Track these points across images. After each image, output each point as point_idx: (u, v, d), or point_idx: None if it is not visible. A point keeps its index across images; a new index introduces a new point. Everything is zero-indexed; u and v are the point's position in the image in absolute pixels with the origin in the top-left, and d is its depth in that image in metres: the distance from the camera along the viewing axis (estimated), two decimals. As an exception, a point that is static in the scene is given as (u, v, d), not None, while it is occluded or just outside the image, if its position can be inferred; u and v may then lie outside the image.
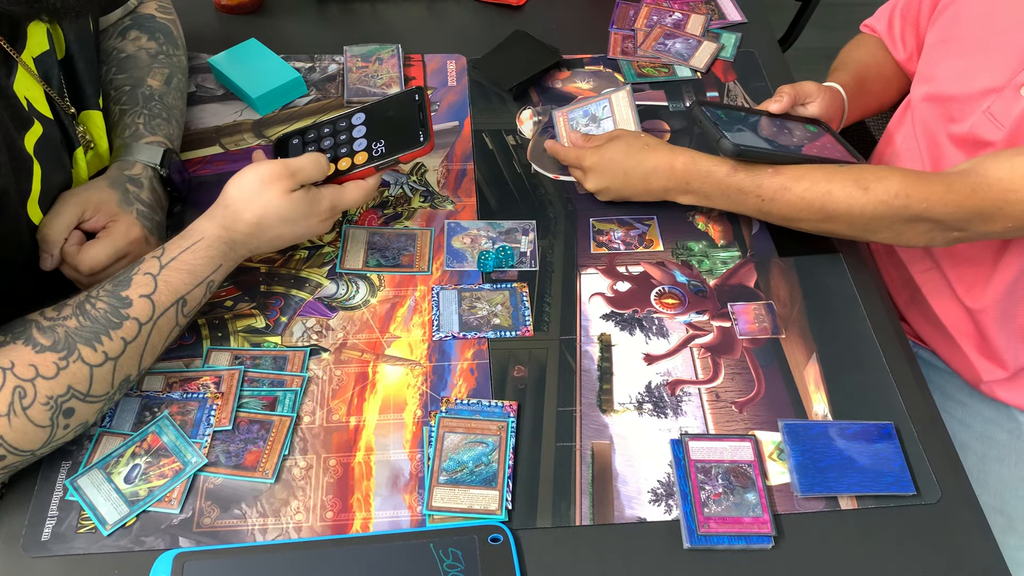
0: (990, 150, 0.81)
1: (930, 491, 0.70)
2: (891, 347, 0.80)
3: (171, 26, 0.93)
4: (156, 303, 0.66)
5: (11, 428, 0.60)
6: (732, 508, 0.67)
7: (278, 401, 0.73)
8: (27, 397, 0.60)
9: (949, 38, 0.89)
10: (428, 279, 0.84)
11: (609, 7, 1.16)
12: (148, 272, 0.67)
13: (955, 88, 0.87)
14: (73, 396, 0.62)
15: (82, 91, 0.80)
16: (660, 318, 0.82)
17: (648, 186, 0.86)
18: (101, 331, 0.64)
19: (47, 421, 0.62)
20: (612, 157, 0.87)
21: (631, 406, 0.75)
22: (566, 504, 0.69)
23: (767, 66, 1.09)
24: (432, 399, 0.75)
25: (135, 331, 0.65)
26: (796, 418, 0.74)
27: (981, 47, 0.84)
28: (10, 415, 0.60)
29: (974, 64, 0.85)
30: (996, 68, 0.82)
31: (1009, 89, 0.80)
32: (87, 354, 0.63)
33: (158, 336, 0.68)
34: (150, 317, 0.66)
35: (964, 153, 0.86)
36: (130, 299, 0.66)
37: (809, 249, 0.88)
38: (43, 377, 0.61)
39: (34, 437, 0.62)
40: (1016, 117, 0.79)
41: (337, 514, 0.67)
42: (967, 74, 0.85)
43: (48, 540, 0.64)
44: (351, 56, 1.05)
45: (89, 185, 0.77)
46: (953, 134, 0.87)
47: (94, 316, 0.64)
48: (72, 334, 0.63)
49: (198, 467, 0.68)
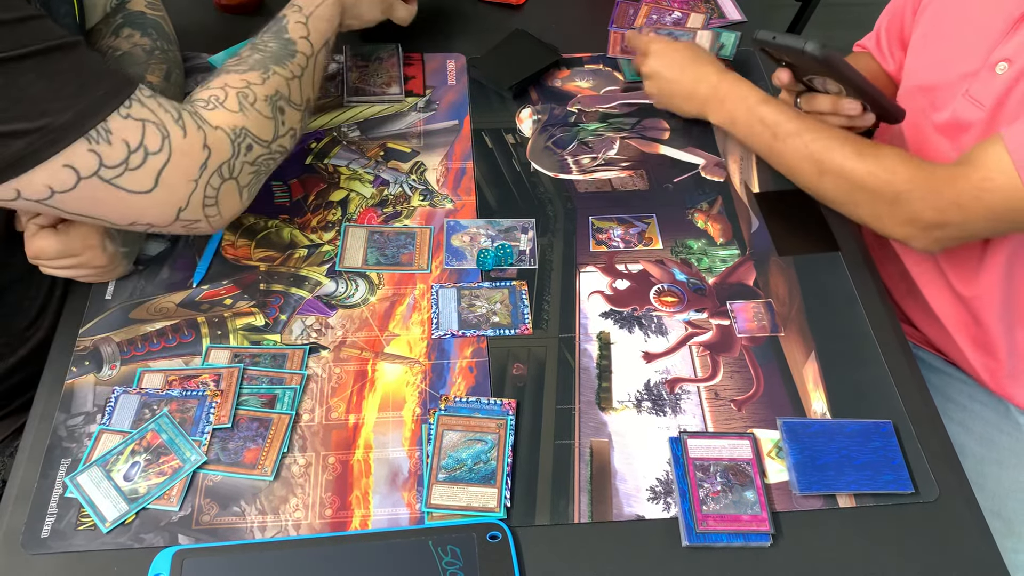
0: (972, 132, 0.83)
1: (928, 489, 0.70)
2: (890, 345, 0.80)
3: (162, 22, 0.93)
4: (313, 43, 0.82)
5: (248, 119, 0.74)
6: (731, 506, 0.68)
7: (277, 399, 0.73)
8: (250, 97, 0.75)
9: (928, 33, 0.92)
10: (427, 277, 0.84)
11: (608, 6, 1.17)
12: (299, 21, 0.82)
13: (935, 77, 0.89)
14: (281, 98, 0.77)
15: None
16: (659, 316, 0.82)
17: (695, 88, 0.93)
18: (283, 57, 0.79)
19: (270, 113, 0.76)
20: (678, 49, 0.95)
21: (630, 404, 0.75)
22: (565, 502, 0.69)
23: (767, 66, 1.09)
24: (431, 397, 0.75)
25: (304, 62, 0.81)
26: (795, 416, 0.74)
27: (956, 35, 0.87)
28: (243, 110, 0.74)
29: (951, 52, 0.87)
30: (971, 52, 0.84)
31: (985, 70, 0.82)
32: (279, 70, 0.78)
33: (319, 70, 0.83)
34: (312, 52, 0.82)
35: (947, 139, 0.87)
36: (293, 39, 0.81)
37: (808, 248, 0.88)
38: (255, 84, 0.75)
39: (267, 126, 0.75)
40: (995, 95, 0.80)
41: (336, 512, 0.67)
42: (945, 62, 0.87)
43: (48, 537, 0.65)
44: (351, 55, 1.05)
45: None
46: (936, 122, 0.89)
47: (271, 49, 0.79)
48: (261, 61, 0.78)
49: (197, 464, 0.69)
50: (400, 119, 1.00)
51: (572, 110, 1.02)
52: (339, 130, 0.98)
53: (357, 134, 0.98)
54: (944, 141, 0.88)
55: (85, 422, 0.71)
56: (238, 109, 0.73)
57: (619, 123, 1.01)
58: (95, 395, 0.73)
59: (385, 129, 0.99)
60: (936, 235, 0.79)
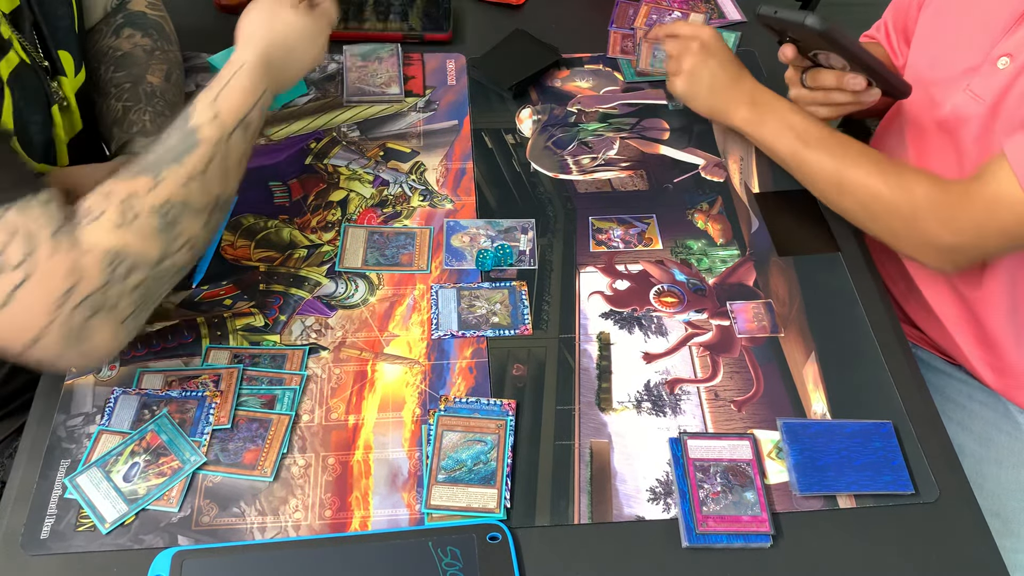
0: (971, 126, 0.83)
1: (928, 490, 0.70)
2: (889, 345, 0.80)
3: (163, 22, 0.93)
4: (224, 124, 0.70)
5: (128, 237, 0.63)
6: (731, 507, 0.67)
7: (277, 399, 0.73)
8: (134, 208, 0.64)
9: (930, 28, 0.92)
10: (427, 278, 0.84)
11: (608, 6, 1.16)
12: (207, 102, 0.70)
13: (936, 72, 0.89)
14: (174, 207, 0.66)
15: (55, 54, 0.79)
16: (659, 316, 0.82)
17: (736, 85, 0.91)
18: (181, 153, 0.67)
19: (159, 227, 0.65)
20: (723, 48, 0.93)
21: (630, 404, 0.75)
22: (565, 503, 0.69)
23: (767, 66, 1.09)
24: (431, 397, 0.75)
25: (209, 153, 0.68)
26: (795, 417, 0.74)
27: (958, 30, 0.87)
28: (124, 227, 0.63)
29: (953, 46, 0.87)
30: (973, 47, 0.84)
31: (987, 64, 0.82)
32: (174, 171, 0.66)
33: (234, 155, 0.71)
34: (221, 137, 0.69)
35: (946, 134, 0.87)
36: (196, 126, 0.69)
37: (808, 248, 0.88)
38: (141, 194, 0.64)
39: (153, 244, 0.64)
40: (996, 90, 0.80)
41: (336, 512, 0.67)
42: (946, 57, 0.87)
43: (47, 538, 0.65)
44: (351, 55, 1.05)
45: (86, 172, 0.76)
46: (936, 118, 0.88)
47: (170, 144, 0.68)
48: (154, 162, 0.66)
49: (197, 465, 0.69)
50: (400, 119, 1.00)
51: (572, 110, 1.02)
52: (339, 130, 0.98)
53: (357, 134, 0.98)
54: (944, 136, 0.88)
55: (84, 423, 0.71)
56: (117, 225, 0.63)
57: (619, 123, 1.01)
58: (94, 396, 0.73)
59: (385, 129, 0.99)
60: (953, 257, 0.80)
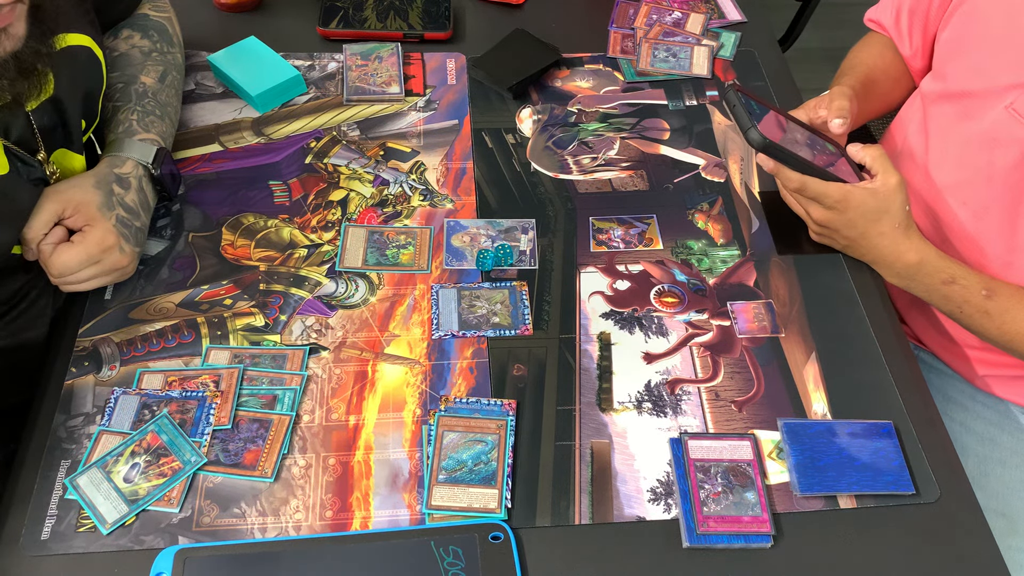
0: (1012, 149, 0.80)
1: (929, 490, 0.70)
2: (890, 346, 0.80)
3: (166, 23, 0.93)
4: None
5: None
6: (731, 507, 0.67)
7: (277, 400, 0.73)
8: None
9: (964, 35, 0.87)
10: (427, 278, 0.84)
11: (608, 6, 1.16)
12: None
13: (972, 84, 0.85)
14: None
15: (68, 130, 0.78)
16: (659, 317, 0.82)
17: (897, 249, 0.81)
18: None
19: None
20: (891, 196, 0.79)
21: (630, 405, 0.75)
22: (565, 503, 0.69)
23: (767, 66, 1.09)
24: (431, 398, 0.75)
25: None
26: (795, 417, 0.74)
27: (1003, 42, 0.82)
28: None
29: (995, 60, 0.83)
30: (1021, 63, 0.80)
31: None
32: None
33: None
34: None
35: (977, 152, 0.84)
36: None
37: (809, 248, 0.88)
38: None
39: None
40: None
41: (336, 513, 0.67)
42: (987, 70, 0.83)
43: (48, 539, 0.64)
44: (351, 54, 1.05)
45: (74, 182, 0.76)
46: (968, 132, 0.85)
47: None
48: None
49: (197, 466, 0.68)
50: (400, 119, 1.00)
51: (572, 110, 1.02)
52: (339, 129, 0.98)
53: (357, 133, 0.97)
54: (974, 152, 0.84)
55: (85, 423, 0.71)
56: None
57: (619, 123, 1.01)
58: (95, 396, 0.73)
59: (385, 128, 0.98)
60: None
